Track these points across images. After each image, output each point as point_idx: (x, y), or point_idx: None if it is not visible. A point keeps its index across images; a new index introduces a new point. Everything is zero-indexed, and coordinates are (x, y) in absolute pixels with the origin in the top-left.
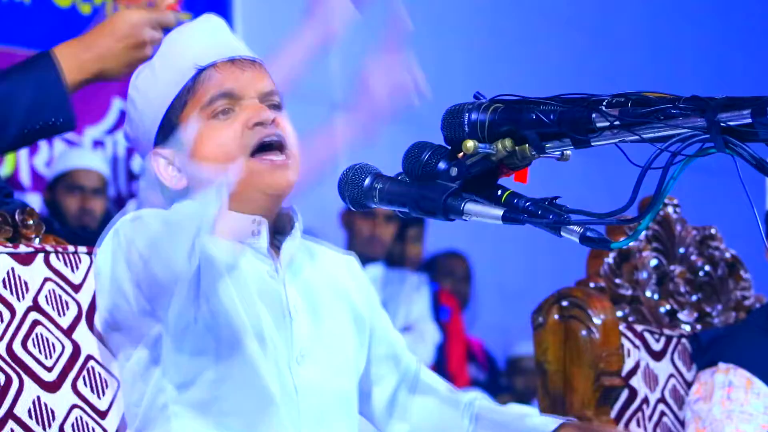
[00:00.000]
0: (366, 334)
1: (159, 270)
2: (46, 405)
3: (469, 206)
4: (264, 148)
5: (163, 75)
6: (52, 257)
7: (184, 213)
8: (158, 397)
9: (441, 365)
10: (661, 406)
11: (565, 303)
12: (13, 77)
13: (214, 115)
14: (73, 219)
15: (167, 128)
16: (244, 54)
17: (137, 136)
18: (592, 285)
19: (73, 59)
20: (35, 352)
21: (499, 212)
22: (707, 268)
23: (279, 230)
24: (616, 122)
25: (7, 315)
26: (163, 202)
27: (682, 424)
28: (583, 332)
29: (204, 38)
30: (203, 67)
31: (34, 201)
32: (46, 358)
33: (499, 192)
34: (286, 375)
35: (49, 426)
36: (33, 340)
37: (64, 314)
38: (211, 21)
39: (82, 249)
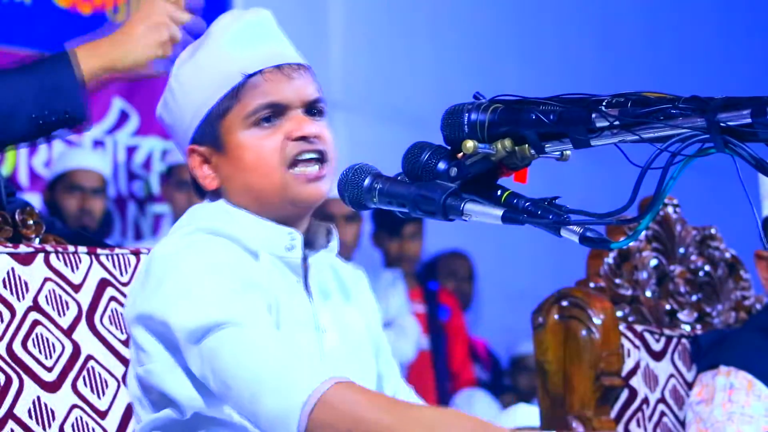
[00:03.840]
0: (374, 352)
1: None
2: (46, 405)
3: (469, 206)
4: (301, 160)
5: (207, 74)
6: (52, 257)
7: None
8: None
9: (443, 365)
10: (661, 406)
11: (565, 303)
12: (26, 69)
13: (256, 122)
14: (72, 219)
15: (207, 128)
16: (291, 59)
17: (173, 124)
18: (592, 285)
19: (91, 51)
20: (35, 352)
21: (499, 212)
22: (707, 268)
23: (308, 243)
24: (616, 122)
25: (7, 315)
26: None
27: (682, 424)
28: (583, 332)
29: (252, 40)
30: (250, 74)
31: (33, 201)
32: (46, 358)
33: (499, 192)
34: None
35: (49, 426)
36: (33, 340)
37: (64, 314)
38: (260, 18)
39: (82, 249)
